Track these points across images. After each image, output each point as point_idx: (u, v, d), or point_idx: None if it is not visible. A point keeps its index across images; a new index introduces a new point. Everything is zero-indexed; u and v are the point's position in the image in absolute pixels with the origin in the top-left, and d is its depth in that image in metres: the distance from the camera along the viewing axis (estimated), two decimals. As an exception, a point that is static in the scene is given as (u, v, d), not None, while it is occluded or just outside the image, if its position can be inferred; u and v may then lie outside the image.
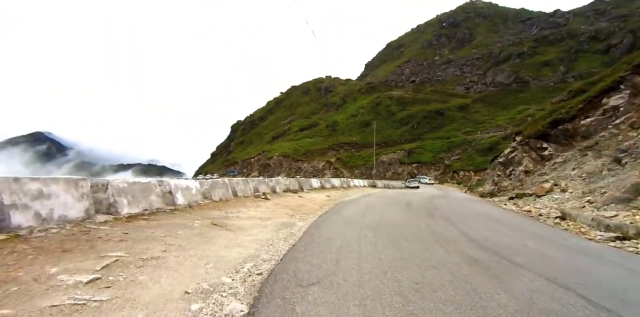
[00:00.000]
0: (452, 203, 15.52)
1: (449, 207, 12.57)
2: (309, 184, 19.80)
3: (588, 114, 19.02)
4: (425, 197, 19.74)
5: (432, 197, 19.94)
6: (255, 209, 9.18)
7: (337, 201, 13.41)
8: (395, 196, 19.61)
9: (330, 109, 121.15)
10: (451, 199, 19.61)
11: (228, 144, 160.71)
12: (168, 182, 8.09)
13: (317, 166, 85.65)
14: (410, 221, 8.31)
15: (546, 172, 18.73)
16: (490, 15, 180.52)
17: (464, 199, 20.38)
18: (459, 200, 19.13)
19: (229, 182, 11.09)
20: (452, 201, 17.27)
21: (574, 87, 25.51)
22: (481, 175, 50.55)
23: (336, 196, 15.89)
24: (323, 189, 21.11)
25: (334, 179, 26.59)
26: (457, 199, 19.61)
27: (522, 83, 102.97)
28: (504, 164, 28.92)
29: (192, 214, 7.44)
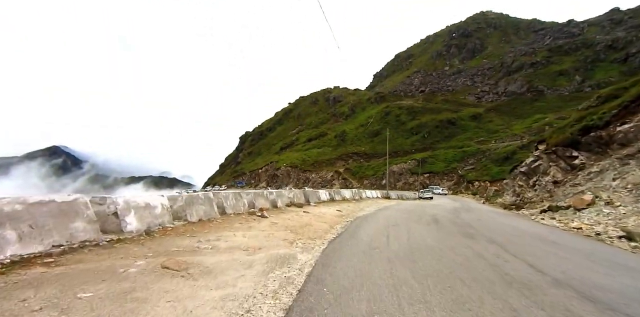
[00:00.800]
0: (482, 217, 13.61)
1: (482, 223, 10.63)
2: (317, 196, 17.85)
3: (625, 120, 17.21)
4: (448, 209, 17.98)
5: (455, 209, 18.13)
6: (245, 232, 7.03)
7: (350, 216, 11.36)
8: (414, 208, 17.39)
9: (339, 119, 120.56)
10: (477, 212, 16.97)
11: (236, 155, 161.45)
12: (113, 200, 5.72)
13: (326, 177, 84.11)
14: (449, 245, 6.50)
15: (580, 183, 16.84)
16: (502, 26, 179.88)
17: (491, 212, 18.36)
18: (486, 213, 17.05)
19: (215, 196, 8.95)
20: (480, 215, 15.30)
21: (603, 92, 23.70)
22: (498, 185, 48.07)
23: (348, 210, 13.87)
24: (333, 201, 19.15)
25: (345, 190, 24.42)
26: (484, 212, 17.58)
27: (536, 92, 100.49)
28: (527, 173, 26.92)
29: (142, 247, 5.21)
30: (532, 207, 18.83)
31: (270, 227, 8.01)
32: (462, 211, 16.83)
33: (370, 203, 21.15)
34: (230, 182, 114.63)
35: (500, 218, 13.55)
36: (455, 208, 19.48)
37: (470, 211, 17.84)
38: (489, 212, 17.45)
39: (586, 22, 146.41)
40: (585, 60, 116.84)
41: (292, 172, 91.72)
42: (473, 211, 17.41)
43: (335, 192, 21.28)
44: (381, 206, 19.01)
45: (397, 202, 26.29)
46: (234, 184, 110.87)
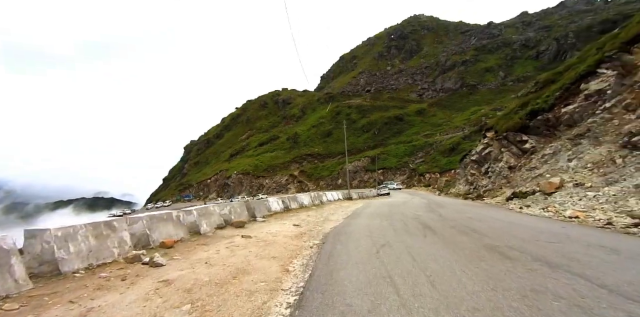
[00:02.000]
0: (468, 214, 11.04)
1: (479, 223, 8.11)
2: (266, 207, 14.02)
3: (568, 101, 17.31)
4: (420, 207, 15.81)
5: (428, 206, 16.10)
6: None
7: (314, 236, 7.61)
8: (387, 210, 14.27)
9: (290, 121, 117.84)
10: (451, 206, 15.66)
11: (182, 166, 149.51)
12: None
13: (280, 181, 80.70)
14: (502, 286, 3.56)
15: (536, 166, 16.43)
16: (434, 28, 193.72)
17: (463, 205, 16.62)
18: (462, 207, 15.01)
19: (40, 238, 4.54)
20: (461, 211, 13.03)
21: (540, 78, 24.58)
22: (447, 176, 49.62)
23: (310, 224, 10.24)
24: (288, 211, 15.40)
25: (303, 195, 20.58)
26: (458, 206, 15.63)
27: (470, 87, 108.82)
28: (478, 161, 27.04)
29: None
30: (493, 195, 18.16)
31: (156, 295, 3.90)
32: (437, 207, 14.82)
33: (334, 208, 17.79)
34: (176, 197, 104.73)
35: (484, 212, 11.69)
36: (426, 204, 17.47)
37: (443, 205, 16.00)
38: (462, 206, 15.83)
39: (503, 24, 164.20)
40: (506, 57, 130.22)
41: (244, 179, 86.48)
42: (446, 206, 15.56)
43: (291, 199, 17.51)
44: (348, 210, 15.54)
45: (362, 202, 23.41)
46: (179, 199, 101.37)
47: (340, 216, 12.87)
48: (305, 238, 7.18)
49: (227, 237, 7.71)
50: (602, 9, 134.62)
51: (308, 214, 13.74)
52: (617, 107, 13.88)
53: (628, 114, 13.26)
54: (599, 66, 16.57)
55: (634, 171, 9.89)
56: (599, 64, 16.57)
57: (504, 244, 5.47)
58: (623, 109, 13.57)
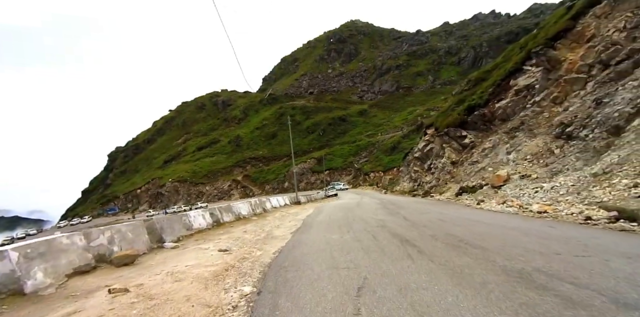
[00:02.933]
0: (437, 215, 9.55)
1: (457, 228, 6.73)
2: (184, 224, 9.95)
3: (500, 97, 18.07)
4: (378, 209, 13.79)
5: (385, 207, 14.25)
6: None
7: (247, 275, 4.72)
8: (344, 216, 11.92)
9: (231, 124, 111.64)
10: (407, 205, 14.39)
11: (106, 176, 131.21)
12: None
13: (222, 187, 75.30)
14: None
15: (478, 160, 16.70)
16: (370, 33, 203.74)
17: (418, 203, 15.56)
18: (418, 206, 13.73)
19: None
20: (420, 210, 11.86)
21: (472, 77, 25.98)
22: (391, 174, 51.17)
23: (246, 246, 7.28)
24: (218, 227, 11.69)
25: (240, 203, 16.75)
26: (414, 205, 14.47)
27: (406, 89, 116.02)
28: (421, 158, 27.57)
29: None
30: (440, 191, 18.07)
31: None
32: (395, 208, 13.40)
33: (280, 217, 14.89)
34: (98, 211, 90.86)
35: (447, 211, 10.31)
36: (380, 204, 16.21)
37: (399, 205, 14.68)
38: (417, 204, 14.87)
39: (429, 32, 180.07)
40: (434, 63, 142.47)
41: (181, 187, 78.70)
42: (403, 206, 14.27)
43: (224, 210, 13.74)
44: (297, 219, 13.03)
45: (312, 207, 20.99)
46: (103, 213, 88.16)
47: (287, 228, 10.24)
48: (230, 281, 4.31)
49: (80, 295, 4.24)
50: (507, 22, 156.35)
51: (245, 229, 10.64)
52: (546, 100, 14.56)
53: (556, 106, 13.92)
54: (524, 63, 17.56)
55: (575, 160, 9.95)
56: (524, 62, 17.57)
57: (526, 265, 3.81)
58: (551, 102, 14.24)
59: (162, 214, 65.93)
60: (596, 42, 12.50)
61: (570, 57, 13.41)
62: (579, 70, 12.90)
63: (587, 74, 12.57)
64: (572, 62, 13.29)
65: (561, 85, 13.63)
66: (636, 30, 11.20)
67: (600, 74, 11.75)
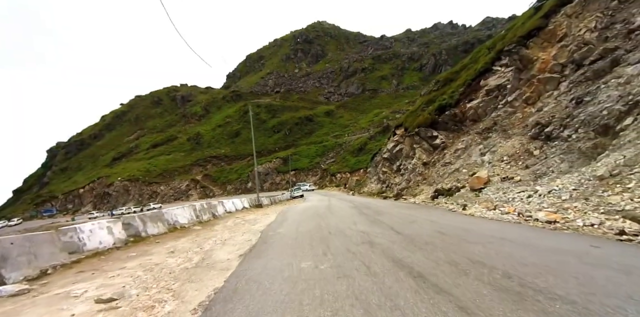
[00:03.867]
0: (417, 221, 8.32)
1: (474, 246, 4.97)
2: (70, 242, 6.82)
3: (471, 97, 17.88)
4: (350, 213, 11.92)
5: (361, 212, 12.22)
6: None
7: None
8: (315, 226, 9.38)
9: (191, 120, 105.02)
10: (385, 210, 12.39)
11: (43, 174, 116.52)
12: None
13: (180, 187, 70.04)
14: None
15: (450, 161, 16.23)
16: (336, 36, 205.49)
17: (395, 207, 13.68)
18: (397, 210, 11.90)
19: None
20: (401, 216, 10.04)
21: (440, 77, 26.02)
22: (357, 175, 50.90)
23: (152, 292, 4.28)
24: (135, 244, 8.51)
25: (178, 208, 12.65)
26: (391, 209, 12.58)
27: (372, 91, 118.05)
28: (390, 159, 27.08)
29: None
30: (412, 194, 17.36)
31: None
32: (373, 213, 11.27)
33: (232, 227, 11.31)
34: (31, 212, 79.73)
35: (434, 217, 9.03)
36: (354, 208, 14.34)
37: (376, 210, 12.60)
38: (395, 208, 13.12)
39: (393, 38, 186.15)
40: (397, 68, 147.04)
41: (131, 187, 71.80)
42: (380, 210, 12.19)
43: (150, 219, 9.86)
44: (254, 231, 9.83)
45: (275, 211, 17.70)
46: (36, 214, 77.56)
47: (236, 247, 7.19)
48: None
49: None
50: (463, 33, 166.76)
51: (174, 248, 7.53)
52: (518, 100, 14.40)
53: (529, 107, 13.76)
54: (494, 64, 17.54)
55: (559, 161, 9.50)
56: (494, 62, 17.55)
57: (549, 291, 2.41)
58: (523, 102, 14.09)
59: (107, 216, 59.30)
60: (568, 41, 12.45)
61: (543, 57, 13.32)
62: (552, 70, 12.80)
63: (560, 74, 12.47)
64: (545, 62, 13.18)
65: (534, 85, 13.49)
66: (607, 31, 11.18)
67: (574, 74, 11.63)
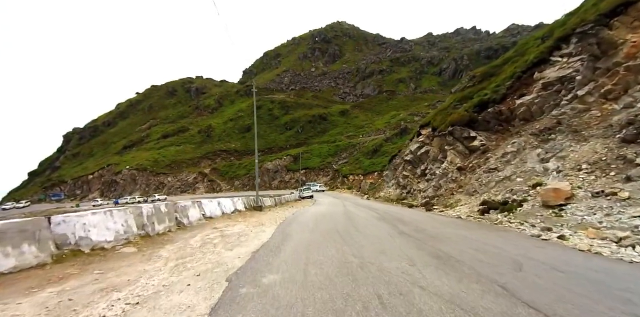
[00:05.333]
0: (531, 268, 4.56)
1: None
2: None
3: (523, 92, 15.19)
4: (388, 233, 8.28)
5: (391, 224, 9.73)
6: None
7: None
8: (340, 265, 4.99)
9: (204, 113, 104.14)
10: (438, 232, 8.32)
11: (57, 158, 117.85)
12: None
13: (187, 180, 68.70)
14: None
15: (497, 167, 13.59)
16: (355, 36, 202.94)
17: (438, 223, 10.17)
18: (458, 235, 7.83)
19: None
20: (463, 239, 7.09)
21: (477, 72, 23.30)
22: (371, 178, 48.27)
23: None
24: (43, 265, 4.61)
25: (100, 213, 7.23)
26: (442, 230, 8.73)
27: (390, 92, 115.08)
28: (412, 162, 24.48)
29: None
30: (446, 204, 14.73)
31: None
32: (417, 233, 8.00)
33: (183, 258, 6.11)
34: (39, 195, 79.86)
35: (541, 256, 5.25)
36: (388, 224, 10.18)
37: (423, 230, 8.64)
38: (447, 227, 9.16)
39: (413, 41, 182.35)
40: (415, 71, 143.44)
41: (139, 176, 70.87)
42: (431, 233, 8.01)
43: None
44: (220, 272, 4.91)
45: (274, 220, 12.95)
46: (44, 198, 77.55)
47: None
48: None
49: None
50: (486, 39, 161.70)
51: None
52: (593, 95, 11.69)
53: (609, 102, 11.05)
54: (552, 54, 14.83)
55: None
56: (552, 52, 14.83)
57: None
58: (601, 97, 11.38)
59: (111, 204, 58.24)
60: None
61: (634, 39, 10.59)
62: (648, 57, 10.09)
63: (660, 62, 9.75)
64: (636, 45, 10.46)
65: (618, 76, 10.79)
66: None
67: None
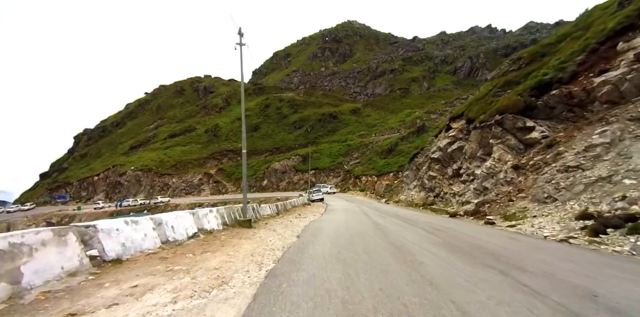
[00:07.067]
0: None
1: None
2: None
3: (601, 67, 11.67)
4: (503, 293, 3.78)
5: (490, 265, 5.00)
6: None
7: None
8: None
9: (211, 112, 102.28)
10: (562, 274, 4.57)
11: (67, 158, 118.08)
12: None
13: (192, 181, 66.44)
14: None
15: (580, 165, 10.10)
16: (366, 36, 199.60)
17: (551, 257, 5.64)
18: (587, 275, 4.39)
19: None
20: None
21: (524, 53, 19.70)
22: (386, 179, 44.76)
23: None
24: None
25: None
26: (557, 266, 4.95)
27: (404, 90, 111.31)
28: (441, 161, 21.02)
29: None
30: (500, 212, 11.24)
31: None
32: (499, 263, 4.96)
33: None
34: (44, 197, 78.97)
35: None
36: (468, 259, 5.53)
37: (490, 252, 5.85)
38: (560, 264, 5.14)
39: (425, 40, 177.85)
40: (429, 70, 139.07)
41: (143, 177, 68.99)
42: (501, 254, 5.45)
43: None
44: None
45: (276, 244, 7.85)
46: (50, 200, 76.55)
47: None
48: None
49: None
50: (502, 38, 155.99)
51: None
52: None
53: None
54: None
55: None
56: (645, 17, 11.31)
57: None
58: None
59: (113, 207, 56.30)
60: None
61: None
62: None
63: None
64: None
65: None
66: None
67: None
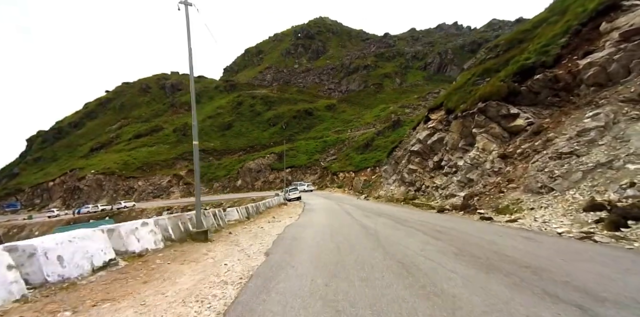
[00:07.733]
0: None
1: None
2: None
3: (586, 48, 11.15)
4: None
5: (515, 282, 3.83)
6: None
7: None
8: None
9: (180, 111, 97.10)
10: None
11: (19, 163, 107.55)
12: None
13: (160, 183, 62.41)
14: None
15: (575, 151, 9.41)
16: (338, 32, 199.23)
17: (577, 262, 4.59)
18: None
19: None
20: None
21: (501, 40, 19.29)
22: (364, 174, 44.12)
23: None
24: None
25: None
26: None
27: (378, 85, 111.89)
28: (421, 153, 20.29)
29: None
30: (491, 205, 10.41)
31: None
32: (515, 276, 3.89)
33: None
34: (-9, 208, 71.13)
35: None
36: (451, 252, 5.50)
37: (502, 255, 4.95)
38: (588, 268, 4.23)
39: (396, 36, 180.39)
40: (400, 66, 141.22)
41: (105, 181, 63.83)
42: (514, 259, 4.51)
43: None
44: None
45: (231, 271, 5.29)
46: (-3, 210, 69.01)
47: None
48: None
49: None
50: (468, 34, 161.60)
51: None
52: None
53: None
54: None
55: None
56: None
57: None
58: None
59: (69, 215, 51.42)
60: None
61: None
62: None
63: None
64: None
65: None
66: None
67: None
